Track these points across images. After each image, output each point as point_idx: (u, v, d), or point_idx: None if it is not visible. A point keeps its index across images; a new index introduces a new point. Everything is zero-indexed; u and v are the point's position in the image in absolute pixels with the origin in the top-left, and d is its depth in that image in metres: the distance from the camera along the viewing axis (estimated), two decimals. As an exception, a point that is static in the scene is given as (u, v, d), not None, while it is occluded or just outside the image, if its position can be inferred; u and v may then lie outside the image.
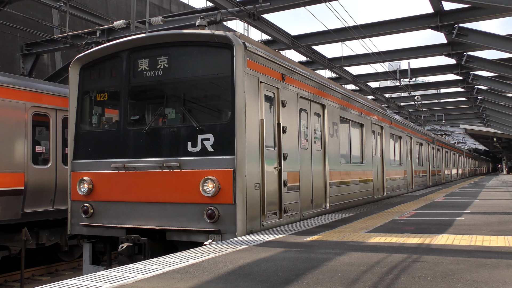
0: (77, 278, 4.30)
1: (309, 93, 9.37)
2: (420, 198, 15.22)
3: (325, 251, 5.44)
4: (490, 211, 10.08)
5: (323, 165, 10.08)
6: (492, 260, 4.71)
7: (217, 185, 6.60)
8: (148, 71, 7.44)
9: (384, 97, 32.78)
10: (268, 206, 7.36)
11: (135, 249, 6.89)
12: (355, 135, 12.81)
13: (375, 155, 14.36)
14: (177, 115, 7.42)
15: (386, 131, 15.74)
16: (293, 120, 8.55)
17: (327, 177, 10.09)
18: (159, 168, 7.06)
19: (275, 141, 7.83)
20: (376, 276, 4.11)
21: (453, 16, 16.04)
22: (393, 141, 17.16)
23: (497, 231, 6.86)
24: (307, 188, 9.10)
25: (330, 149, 10.32)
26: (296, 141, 8.61)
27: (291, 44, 18.67)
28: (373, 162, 14.02)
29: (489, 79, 24.63)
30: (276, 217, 7.73)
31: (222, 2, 13.86)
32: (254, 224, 6.96)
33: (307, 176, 9.14)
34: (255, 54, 7.24)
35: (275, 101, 7.93)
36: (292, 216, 8.27)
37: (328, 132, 10.27)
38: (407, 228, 7.42)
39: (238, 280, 4.04)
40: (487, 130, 47.55)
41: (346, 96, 11.84)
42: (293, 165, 8.41)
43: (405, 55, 21.82)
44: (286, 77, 8.27)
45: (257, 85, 7.28)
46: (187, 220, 6.82)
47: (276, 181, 7.74)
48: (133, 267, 4.71)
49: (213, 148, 6.82)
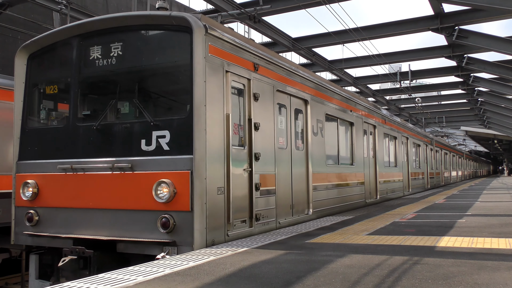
0: (78, 280, 4.30)
1: (288, 87, 8.50)
2: (421, 200, 15.21)
3: (326, 253, 5.44)
4: (491, 213, 10.06)
5: (306, 166, 9.16)
6: (493, 263, 4.70)
7: (172, 189, 5.74)
8: (101, 60, 6.55)
9: (384, 99, 32.87)
10: (235, 214, 6.52)
11: (80, 263, 6.00)
12: (344, 134, 11.95)
13: (367, 156, 13.48)
14: (131, 109, 6.52)
15: (379, 130, 14.89)
16: (269, 116, 7.68)
17: (310, 180, 9.19)
18: (110, 170, 6.19)
19: (245, 139, 6.97)
20: (377, 278, 4.10)
21: (454, 18, 16.13)
22: (387, 141, 16.30)
23: (498, 233, 6.85)
24: (286, 192, 8.23)
25: (314, 149, 9.46)
26: (272, 139, 7.75)
27: (291, 46, 18.76)
28: (365, 164, 13.12)
29: (490, 81, 24.68)
30: (245, 225, 6.86)
31: (223, 4, 13.94)
32: (217, 234, 6.09)
33: (286, 179, 8.29)
34: (220, 39, 6.40)
35: (246, 94, 7.06)
36: (266, 224, 7.40)
37: (311, 131, 9.38)
38: (408, 230, 7.41)
39: (239, 283, 4.03)
40: (487, 132, 47.52)
41: (333, 92, 10.97)
42: (268, 166, 7.56)
43: (405, 57, 21.91)
44: (259, 67, 7.41)
45: (222, 75, 6.42)
46: (140, 230, 5.95)
47: (246, 184, 6.89)
48: (134, 269, 4.71)
49: (169, 147, 5.95)
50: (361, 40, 17.41)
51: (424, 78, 29.97)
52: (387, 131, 16.10)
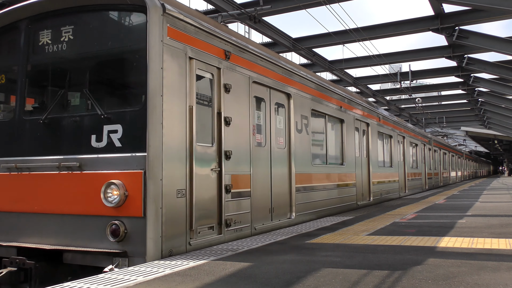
0: (78, 280, 4.29)
1: (267, 79, 7.76)
2: (421, 200, 15.20)
3: (326, 253, 5.43)
4: (491, 214, 10.05)
5: (288, 166, 8.40)
6: (493, 263, 4.69)
7: (122, 192, 5.04)
8: (51, 45, 5.85)
9: (385, 99, 32.90)
10: (199, 219, 5.82)
11: (20, 275, 5.25)
12: (334, 132, 11.22)
13: (360, 155, 12.68)
14: (82, 100, 5.84)
15: (373, 128, 14.08)
16: (243, 110, 6.98)
17: (293, 181, 8.42)
18: (57, 169, 5.50)
19: (213, 135, 6.28)
20: (377, 278, 4.10)
21: (454, 19, 16.12)
22: (382, 140, 15.48)
23: (499, 234, 6.84)
24: (264, 195, 7.49)
25: (297, 147, 8.69)
26: (247, 136, 7.02)
27: (292, 47, 18.74)
28: (357, 164, 12.32)
29: (490, 81, 24.69)
30: (213, 232, 6.15)
31: (223, 4, 13.94)
32: (176, 243, 5.38)
33: (264, 180, 7.54)
34: (182, 21, 5.67)
35: (215, 84, 6.35)
36: (238, 231, 6.70)
37: (295, 127, 8.60)
38: (408, 231, 7.40)
39: (239, 283, 4.03)
40: (488, 132, 47.53)
41: (320, 86, 10.17)
42: (242, 166, 6.85)
43: (406, 58, 21.90)
44: (231, 55, 6.71)
45: (185, 62, 5.70)
46: (88, 238, 5.25)
47: (214, 186, 6.19)
48: (134, 269, 4.71)
49: (122, 143, 5.26)
50: (361, 40, 17.41)
51: (424, 78, 30.00)
52: (382, 129, 15.38)
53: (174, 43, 5.55)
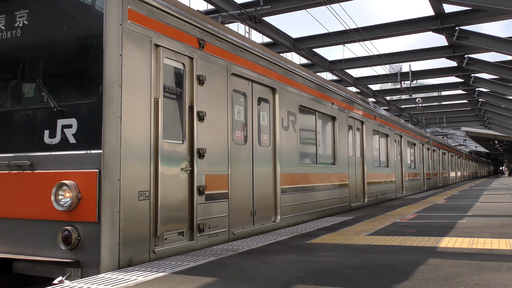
0: (78, 281, 4.29)
1: (248, 71, 7.25)
2: (422, 200, 15.19)
3: (326, 253, 5.43)
4: (491, 214, 10.04)
5: (273, 166, 7.85)
6: (494, 263, 4.69)
7: (75, 194, 4.54)
8: (5, 32, 5.36)
9: (385, 99, 32.87)
10: (166, 224, 5.29)
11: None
12: (325, 130, 10.68)
13: (353, 155, 12.15)
14: (36, 92, 5.30)
15: (368, 127, 13.53)
16: (220, 104, 6.44)
17: (278, 182, 7.89)
18: (7, 168, 5.01)
19: (184, 131, 5.73)
20: (377, 279, 4.10)
21: (454, 19, 16.08)
22: (377, 139, 14.94)
23: (499, 234, 6.84)
24: (244, 197, 6.98)
25: (283, 146, 8.15)
26: (224, 133, 6.50)
27: (292, 47, 18.72)
28: (350, 164, 11.78)
29: (490, 81, 24.64)
30: (183, 238, 5.59)
31: (223, 4, 13.93)
32: (136, 251, 4.85)
33: (245, 181, 7.02)
34: (146, 3, 5.17)
35: (186, 75, 5.80)
36: (213, 236, 6.12)
37: (280, 124, 8.06)
38: (408, 231, 7.40)
39: (239, 283, 4.03)
40: (488, 132, 47.49)
41: (310, 81, 9.60)
42: (218, 165, 6.32)
43: (406, 58, 21.85)
44: (206, 44, 6.16)
45: (150, 49, 5.18)
46: (39, 245, 4.74)
47: (184, 187, 5.66)
48: (134, 269, 4.71)
49: (76, 139, 4.75)
50: (361, 40, 17.38)
51: (425, 78, 29.93)
52: (377, 128, 14.80)
53: (137, 28, 5.02)
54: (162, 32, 5.43)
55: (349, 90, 13.95)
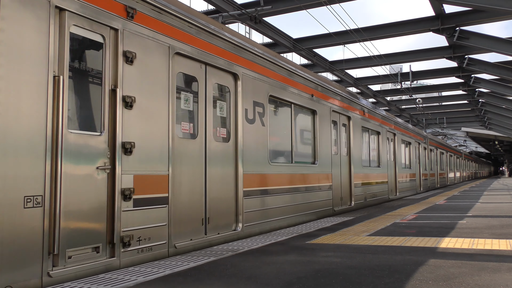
0: (78, 281, 4.29)
1: (201, 52, 6.20)
2: (422, 201, 15.19)
3: (326, 254, 5.44)
4: (491, 215, 10.04)
5: (234, 165, 6.88)
6: (494, 264, 4.69)
7: None
8: None
9: (385, 100, 32.86)
10: (70, 238, 4.32)
11: None
12: (303, 125, 9.65)
13: (338, 153, 11.21)
14: None
15: (355, 123, 12.51)
16: (158, 89, 5.39)
17: (240, 183, 6.89)
18: None
19: (102, 120, 4.72)
20: (377, 279, 4.10)
21: (454, 19, 16.09)
22: (367, 137, 13.95)
23: (499, 235, 6.84)
24: (192, 202, 5.96)
25: (248, 141, 7.20)
26: (164, 124, 5.46)
27: (292, 47, 18.75)
28: (334, 163, 10.85)
29: (491, 82, 24.65)
30: (98, 256, 4.58)
31: (224, 5, 13.93)
32: (20, 276, 3.86)
33: (194, 182, 6.00)
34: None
35: (108, 51, 4.78)
36: (146, 251, 5.10)
37: (243, 116, 7.10)
38: (408, 231, 7.40)
39: (239, 283, 4.04)
40: (488, 133, 47.52)
41: (282, 68, 8.50)
42: (154, 163, 5.28)
43: (406, 58, 21.87)
44: (137, 13, 5.16)
45: (48, 13, 4.20)
46: None
47: (102, 191, 4.64)
48: (134, 269, 4.71)
49: None
50: (362, 40, 17.41)
51: (425, 79, 29.93)
52: (367, 124, 13.73)
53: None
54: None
55: (334, 83, 12.71)
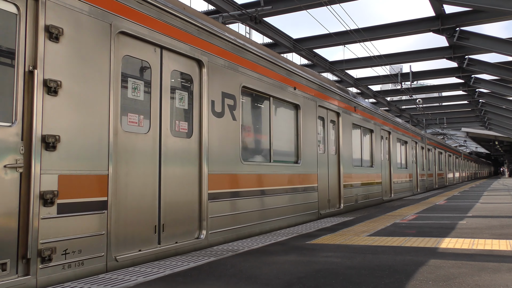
0: (78, 281, 4.29)
1: (154, 33, 5.41)
2: (422, 201, 15.19)
3: (327, 254, 5.44)
4: (491, 215, 10.04)
5: (198, 163, 6.01)
6: (494, 264, 4.70)
7: None
8: None
9: (385, 100, 32.86)
10: None
11: None
12: (284, 121, 8.79)
13: (325, 152, 10.42)
14: None
15: (345, 119, 11.73)
16: (95, 74, 4.63)
17: (205, 185, 6.04)
18: None
19: (15, 108, 4.00)
20: (377, 279, 4.10)
21: (455, 19, 16.09)
22: (359, 135, 13.16)
23: (499, 235, 6.84)
24: (142, 206, 5.12)
25: (215, 137, 6.36)
26: (103, 115, 4.69)
27: (292, 47, 18.74)
28: (320, 163, 10.04)
29: (491, 82, 24.65)
30: (8, 275, 3.82)
31: (224, 5, 13.92)
32: None
33: (145, 183, 5.17)
34: None
35: (24, 24, 4.09)
36: (75, 266, 4.34)
37: (209, 109, 6.26)
38: (408, 232, 7.40)
39: (239, 283, 4.04)
40: (488, 133, 47.53)
41: (258, 56, 7.61)
42: (88, 161, 4.51)
43: (406, 58, 21.87)
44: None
45: None
46: None
47: (12, 194, 3.90)
48: (134, 269, 4.71)
49: None
50: (362, 41, 17.41)
51: (425, 79, 29.94)
52: (359, 122, 12.94)
53: None
54: None
55: (322, 76, 11.66)
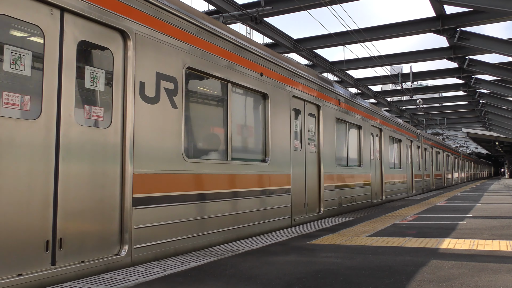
0: (78, 281, 4.29)
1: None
2: (422, 202, 15.19)
3: (327, 254, 5.44)
4: (492, 215, 10.04)
5: (120, 161, 4.89)
6: (494, 265, 4.69)
7: None
8: None
9: (386, 100, 32.87)
10: None
11: None
12: (247, 112, 7.73)
13: (302, 149, 9.26)
14: None
15: (327, 113, 10.49)
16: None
17: (128, 187, 4.90)
18: None
19: None
20: (377, 280, 4.10)
21: (455, 20, 16.12)
22: (344, 130, 11.94)
23: (499, 236, 6.84)
24: (23, 217, 3.85)
25: (145, 128, 5.22)
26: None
27: (293, 48, 18.76)
28: (294, 161, 8.84)
29: (491, 83, 24.66)
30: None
31: (225, 5, 13.94)
32: None
33: (30, 185, 3.92)
34: None
35: None
36: None
37: (137, 92, 5.12)
38: (408, 232, 7.40)
39: (239, 284, 4.03)
40: (489, 134, 47.54)
41: (210, 33, 6.47)
42: None
43: (407, 59, 21.90)
44: None
45: None
46: None
47: None
48: (134, 269, 4.71)
49: None
50: (362, 41, 17.42)
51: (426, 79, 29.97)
52: (343, 116, 11.67)
53: None
54: None
55: (298, 64, 10.46)
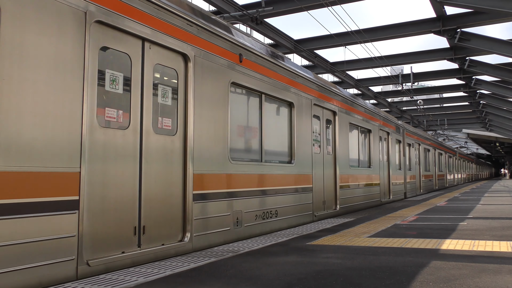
0: (78, 281, 4.30)
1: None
2: (423, 202, 15.18)
3: (327, 255, 5.43)
4: (492, 216, 10.03)
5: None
6: (495, 266, 4.69)
7: None
8: None
9: (386, 101, 32.86)
10: None
11: None
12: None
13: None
14: None
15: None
16: None
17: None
18: None
19: None
20: (378, 280, 4.10)
21: (456, 21, 16.09)
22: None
23: (500, 236, 6.83)
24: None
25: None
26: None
27: (293, 48, 18.75)
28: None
29: (492, 83, 24.64)
30: None
31: (225, 6, 13.94)
32: None
33: None
34: None
35: None
36: None
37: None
38: (409, 233, 7.39)
39: (240, 284, 4.03)
40: (489, 134, 47.52)
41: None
42: None
43: (407, 60, 21.87)
44: None
45: None
46: None
47: None
48: (134, 270, 4.71)
49: None
50: (363, 42, 17.41)
51: (426, 80, 29.94)
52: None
53: None
54: None
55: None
